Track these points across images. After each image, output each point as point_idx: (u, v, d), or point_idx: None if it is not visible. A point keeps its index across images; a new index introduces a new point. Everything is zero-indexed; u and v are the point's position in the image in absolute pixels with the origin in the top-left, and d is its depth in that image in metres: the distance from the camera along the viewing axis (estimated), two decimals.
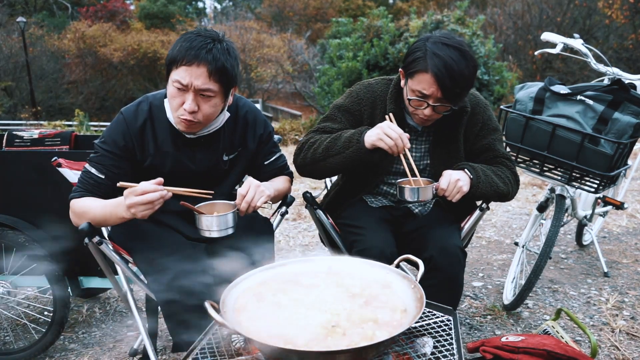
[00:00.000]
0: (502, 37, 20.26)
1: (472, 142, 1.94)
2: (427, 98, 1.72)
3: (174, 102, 1.61)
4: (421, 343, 1.24)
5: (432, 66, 1.65)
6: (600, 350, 2.21)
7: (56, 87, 25.42)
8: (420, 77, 1.70)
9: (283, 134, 12.69)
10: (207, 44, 1.55)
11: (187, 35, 1.58)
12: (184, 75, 1.54)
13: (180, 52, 1.55)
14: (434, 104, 1.72)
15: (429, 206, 2.04)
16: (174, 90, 1.58)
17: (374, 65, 10.92)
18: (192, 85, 1.55)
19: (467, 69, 1.66)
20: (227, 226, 1.55)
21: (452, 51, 1.66)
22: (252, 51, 25.09)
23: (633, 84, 2.40)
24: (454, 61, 1.64)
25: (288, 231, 4.24)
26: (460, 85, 1.67)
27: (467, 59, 1.67)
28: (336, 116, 1.94)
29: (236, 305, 1.25)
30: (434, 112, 1.76)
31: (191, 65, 1.53)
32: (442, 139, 1.92)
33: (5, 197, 2.19)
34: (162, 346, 2.28)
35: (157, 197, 1.43)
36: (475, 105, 1.93)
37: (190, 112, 1.58)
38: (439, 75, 1.65)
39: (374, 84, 1.97)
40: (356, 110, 1.93)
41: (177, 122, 1.66)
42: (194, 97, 1.57)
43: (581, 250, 3.57)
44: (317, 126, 1.96)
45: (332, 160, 1.80)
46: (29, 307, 2.67)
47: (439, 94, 1.69)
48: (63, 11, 34.37)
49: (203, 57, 1.54)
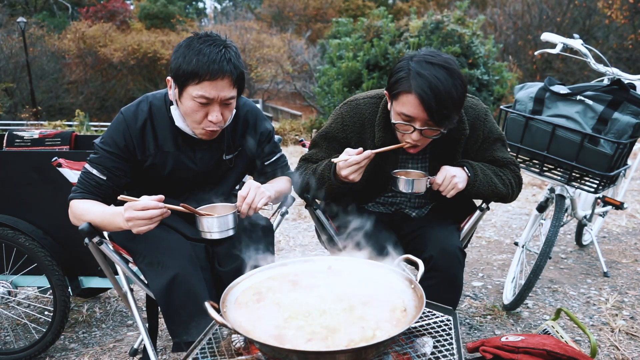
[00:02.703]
0: (502, 37, 20.28)
1: (474, 157, 1.87)
2: (412, 121, 1.61)
3: (196, 116, 1.60)
4: (421, 343, 1.24)
5: (416, 87, 1.54)
6: (600, 350, 2.21)
7: (56, 87, 25.43)
8: (404, 99, 1.58)
9: (283, 134, 12.70)
10: (223, 53, 1.54)
11: (197, 46, 1.54)
12: (209, 90, 1.53)
13: (201, 67, 1.51)
14: (421, 127, 1.61)
15: (424, 210, 2.03)
16: (196, 104, 1.57)
17: (374, 65, 10.92)
18: (219, 98, 1.56)
19: (454, 88, 1.54)
20: (227, 227, 1.55)
21: (438, 70, 1.54)
22: (252, 51, 25.10)
23: (633, 84, 2.40)
24: (440, 81, 1.53)
25: (288, 231, 4.24)
26: (447, 107, 1.54)
27: (454, 78, 1.55)
28: (322, 145, 1.92)
29: (236, 306, 1.26)
30: (422, 137, 1.64)
31: (216, 79, 1.52)
32: (440, 158, 1.85)
33: (6, 197, 2.19)
34: (162, 346, 2.28)
35: (158, 214, 1.43)
36: (474, 120, 1.81)
37: (216, 122, 1.59)
38: (423, 97, 1.53)
39: (362, 105, 1.85)
40: (342, 137, 1.87)
41: (200, 133, 1.65)
42: (220, 107, 1.59)
43: (581, 250, 3.57)
44: (305, 155, 1.96)
45: (321, 194, 1.83)
46: (29, 307, 2.67)
47: (425, 117, 1.57)
48: (63, 11, 34.38)
49: (227, 70, 1.53)
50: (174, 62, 1.57)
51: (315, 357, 1.06)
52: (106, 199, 1.66)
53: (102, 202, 1.64)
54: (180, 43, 1.59)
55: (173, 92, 1.63)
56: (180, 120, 1.67)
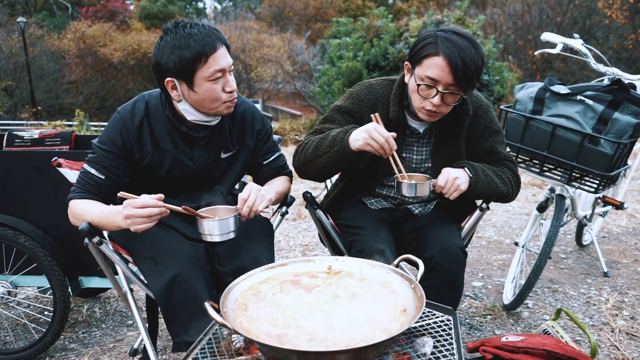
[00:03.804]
0: (502, 37, 20.28)
1: (474, 145, 1.92)
2: (436, 84, 1.66)
3: (215, 94, 1.62)
4: (421, 343, 1.24)
5: (445, 49, 1.61)
6: (600, 350, 2.21)
7: (56, 87, 25.44)
8: (430, 62, 1.64)
9: (283, 134, 12.70)
10: (203, 27, 1.59)
11: (182, 32, 1.55)
12: (219, 62, 1.58)
13: (201, 46, 1.54)
14: (444, 90, 1.66)
15: (429, 207, 2.04)
16: (211, 83, 1.60)
17: (374, 65, 10.93)
18: (227, 66, 1.61)
19: (477, 57, 1.64)
20: (228, 230, 1.54)
21: (463, 39, 1.64)
22: (252, 51, 25.12)
23: (633, 84, 2.40)
24: (467, 47, 1.62)
25: (288, 231, 4.24)
26: (472, 70, 1.62)
27: (477, 49, 1.65)
28: (335, 118, 1.90)
29: (236, 305, 1.25)
30: (442, 103, 1.69)
31: (217, 50, 1.57)
32: (444, 142, 1.89)
33: (6, 197, 2.19)
34: (162, 346, 2.28)
35: (157, 213, 1.43)
36: (477, 107, 1.90)
37: (234, 90, 1.66)
38: (451, 57, 1.60)
39: (375, 84, 1.92)
40: (356, 111, 1.89)
41: (226, 108, 1.68)
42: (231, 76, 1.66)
43: (581, 250, 3.57)
44: (315, 127, 1.94)
45: (321, 161, 1.76)
46: (29, 307, 2.67)
47: (450, 80, 1.63)
48: (63, 11, 34.38)
49: (221, 39, 1.60)
50: (169, 60, 1.55)
51: (315, 357, 1.06)
52: (105, 199, 1.65)
53: (102, 201, 1.64)
54: (160, 43, 1.58)
55: (180, 91, 1.62)
56: (192, 112, 1.66)
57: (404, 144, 1.90)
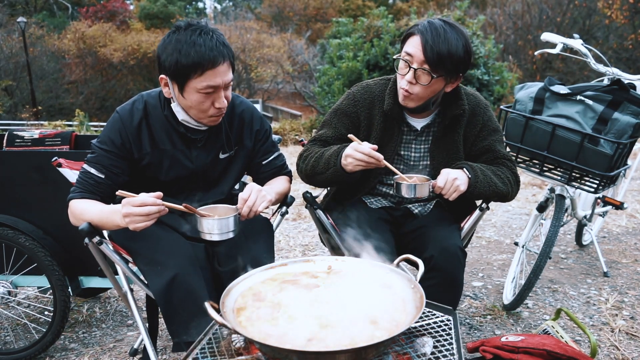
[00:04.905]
0: (502, 37, 20.29)
1: (472, 143, 1.94)
2: (412, 62, 1.72)
3: (203, 106, 1.61)
4: (421, 343, 1.24)
5: (422, 28, 1.70)
6: (600, 350, 2.21)
7: (56, 87, 25.44)
8: (409, 40, 1.74)
9: (283, 134, 12.68)
10: (216, 38, 1.55)
11: (188, 38, 1.53)
12: (213, 79, 1.55)
13: (202, 57, 1.51)
14: (417, 67, 1.71)
15: (429, 206, 2.04)
16: (201, 96, 1.58)
17: (374, 65, 10.92)
18: (223, 83, 1.58)
19: (453, 39, 1.67)
20: (228, 230, 1.54)
21: (445, 24, 1.70)
22: (252, 51, 25.12)
23: (633, 84, 2.40)
24: (443, 29, 1.68)
25: (288, 231, 4.24)
26: (443, 50, 1.66)
27: (456, 32, 1.69)
28: (331, 122, 1.96)
29: (236, 306, 1.25)
30: (416, 82, 1.73)
31: (217, 66, 1.54)
32: (442, 139, 1.91)
33: (6, 197, 2.19)
34: (162, 346, 2.28)
35: (155, 211, 1.42)
36: (475, 106, 1.92)
37: (223, 107, 1.64)
38: (425, 35, 1.67)
39: (372, 84, 1.97)
40: (352, 112, 1.93)
41: (208, 121, 1.68)
42: (224, 92, 1.62)
43: (581, 250, 3.57)
44: (315, 135, 1.99)
45: (320, 178, 1.87)
46: (29, 307, 2.67)
47: (421, 55, 1.68)
48: (63, 11, 34.38)
49: (225, 54, 1.56)
50: (167, 59, 1.55)
51: (315, 357, 1.06)
52: (105, 199, 1.66)
53: (101, 201, 1.64)
54: (166, 39, 1.57)
55: (171, 89, 1.62)
56: (183, 113, 1.67)
57: (402, 140, 1.93)
